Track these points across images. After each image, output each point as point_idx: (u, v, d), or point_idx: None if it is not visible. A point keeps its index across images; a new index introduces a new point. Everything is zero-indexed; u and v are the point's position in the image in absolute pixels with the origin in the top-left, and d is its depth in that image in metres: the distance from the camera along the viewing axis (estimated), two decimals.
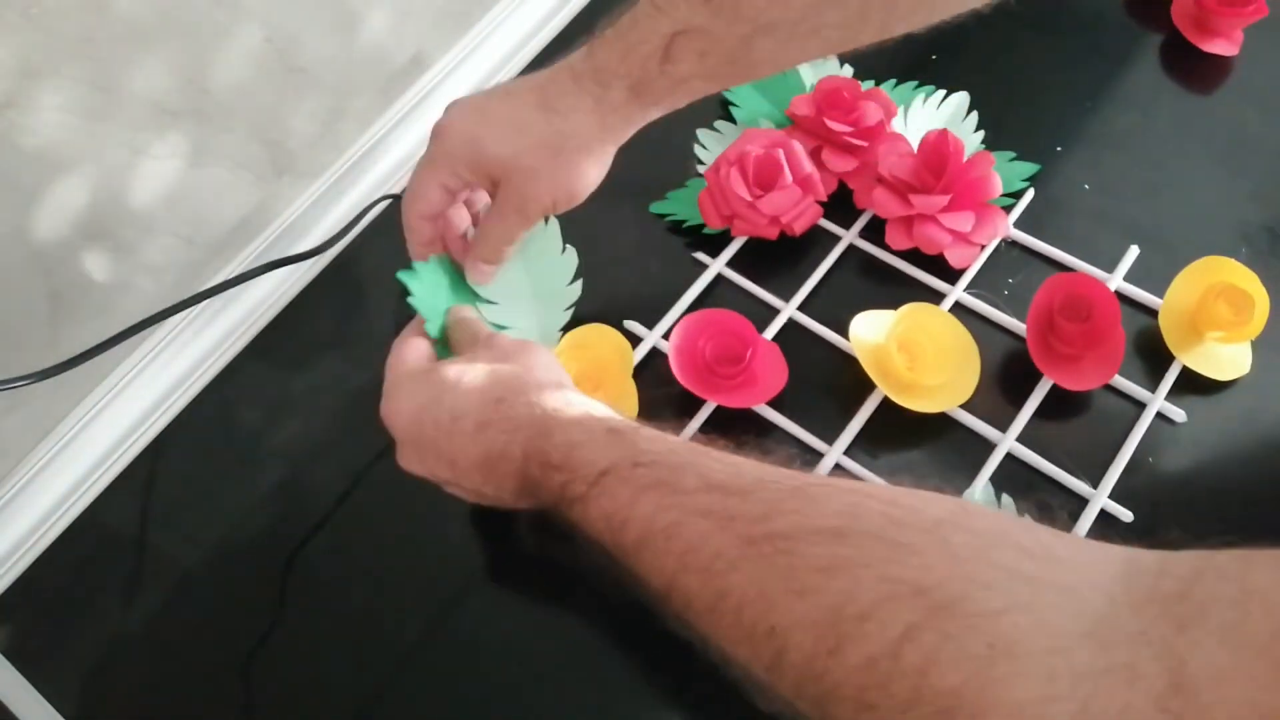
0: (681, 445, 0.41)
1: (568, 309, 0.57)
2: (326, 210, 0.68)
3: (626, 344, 0.57)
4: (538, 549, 0.53)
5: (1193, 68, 0.68)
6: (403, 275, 0.53)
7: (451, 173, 0.51)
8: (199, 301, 0.57)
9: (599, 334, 0.57)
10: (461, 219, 0.54)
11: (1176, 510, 0.53)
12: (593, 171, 0.51)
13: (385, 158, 0.70)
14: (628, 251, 0.64)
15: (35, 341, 0.56)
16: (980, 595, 0.29)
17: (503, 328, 0.54)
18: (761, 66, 0.48)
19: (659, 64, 0.46)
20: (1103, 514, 0.52)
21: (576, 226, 0.66)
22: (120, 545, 0.59)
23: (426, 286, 0.53)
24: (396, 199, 0.65)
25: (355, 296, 0.66)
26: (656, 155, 0.68)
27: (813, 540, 0.33)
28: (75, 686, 0.54)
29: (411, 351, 0.50)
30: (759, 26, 0.45)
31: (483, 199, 0.56)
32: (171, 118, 0.56)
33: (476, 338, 0.51)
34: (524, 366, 0.47)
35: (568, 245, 0.57)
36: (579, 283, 0.57)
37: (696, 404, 0.57)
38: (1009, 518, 0.32)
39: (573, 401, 0.44)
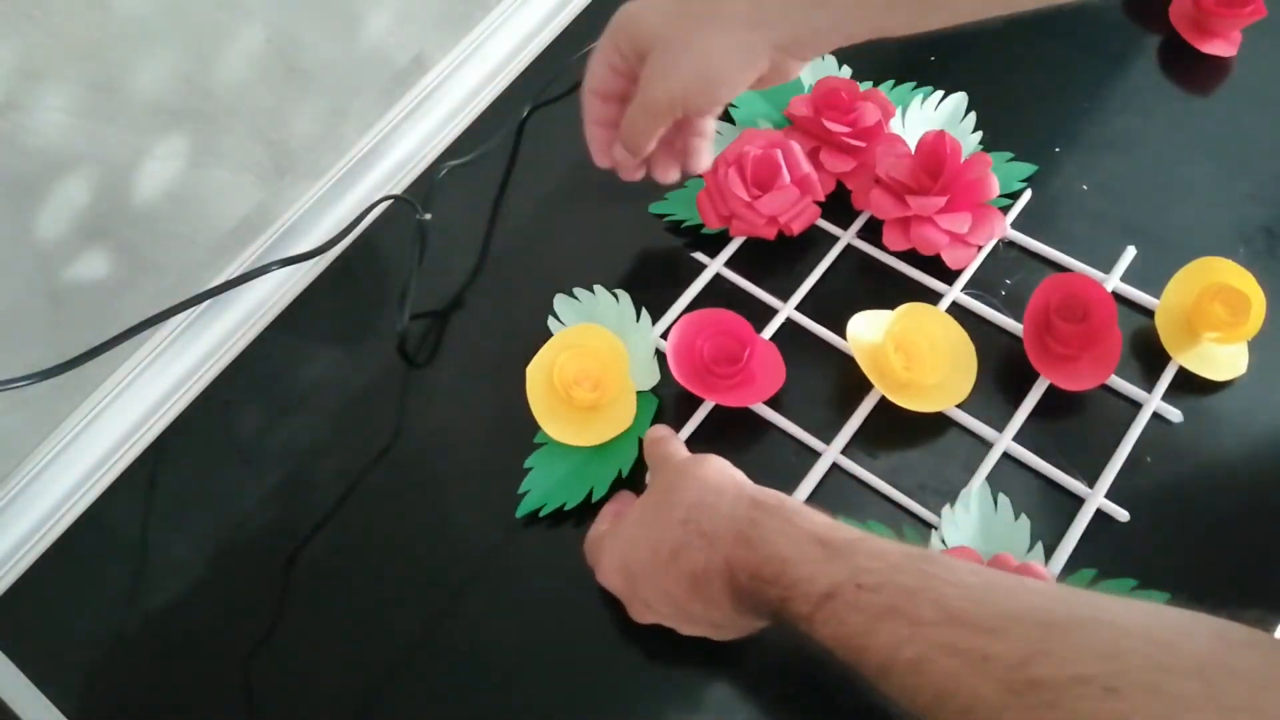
0: (900, 557, 0.39)
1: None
2: (327, 211, 0.69)
3: (622, 344, 0.57)
4: None
5: (1191, 68, 0.68)
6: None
7: (614, 49, 0.51)
8: (200, 302, 0.57)
9: (595, 334, 0.57)
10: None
11: (1173, 510, 0.53)
12: (735, 55, 0.47)
13: (386, 158, 0.71)
14: (626, 251, 0.65)
15: (37, 341, 0.56)
16: None
17: None
18: (961, 7, 0.44)
19: None
20: (1099, 514, 0.53)
21: (575, 225, 0.67)
22: (121, 545, 0.59)
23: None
24: (397, 199, 0.65)
25: (356, 297, 0.67)
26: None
27: (1080, 694, 0.31)
28: (75, 686, 0.54)
29: (603, 517, 0.52)
30: None
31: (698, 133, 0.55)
32: (173, 118, 0.56)
33: (666, 460, 0.51)
34: (698, 478, 0.46)
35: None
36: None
37: (694, 403, 0.57)
38: (1268, 646, 0.32)
39: (761, 503, 0.43)
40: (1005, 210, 0.62)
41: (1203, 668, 0.31)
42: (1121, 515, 0.52)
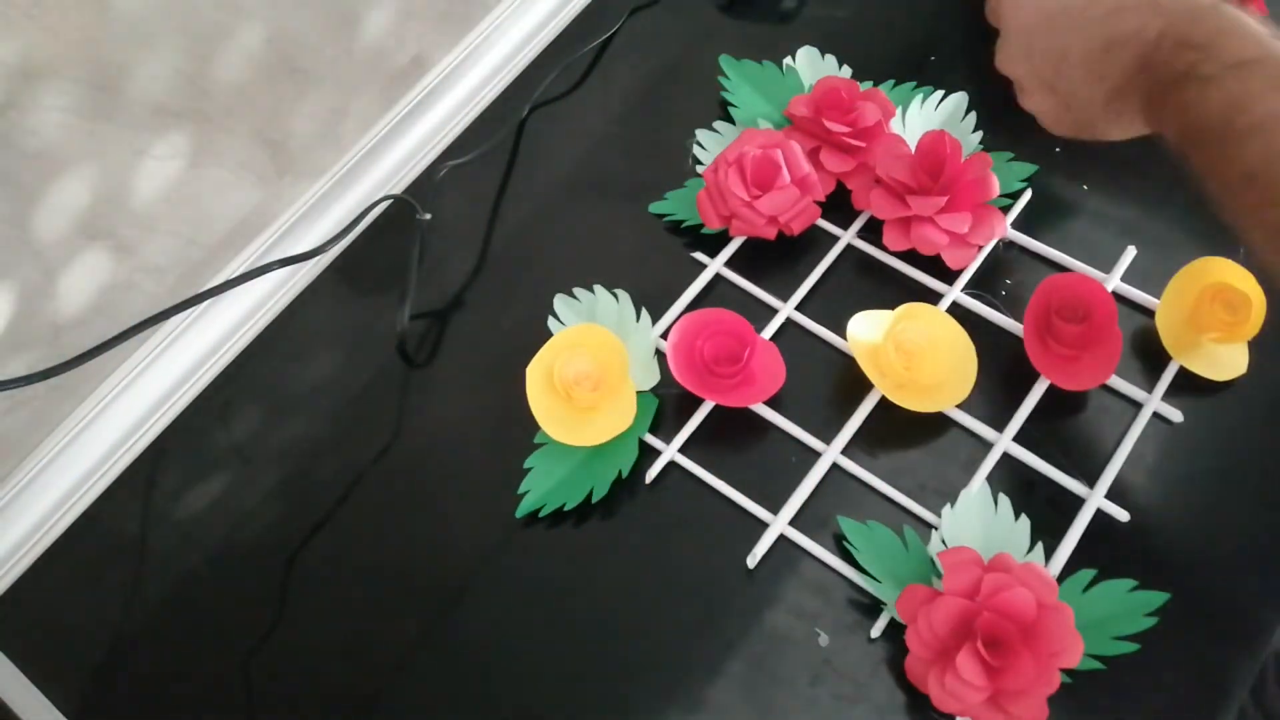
0: None
1: None
2: (327, 210, 0.69)
3: (622, 344, 0.57)
4: None
5: None
6: None
7: None
8: (200, 301, 0.57)
9: (595, 334, 0.57)
10: None
11: (1173, 511, 0.53)
12: None
13: (386, 158, 0.71)
14: (626, 251, 0.65)
15: (37, 341, 0.56)
16: None
17: None
18: None
19: None
20: (1099, 514, 0.53)
21: (575, 225, 0.67)
22: (121, 545, 0.59)
23: None
24: (397, 199, 0.65)
25: (356, 297, 0.67)
26: (655, 155, 0.68)
27: None
28: (75, 686, 0.54)
29: None
30: None
31: None
32: (173, 118, 0.56)
33: None
34: None
35: None
36: None
37: (695, 403, 0.57)
38: None
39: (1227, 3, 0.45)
40: (1005, 210, 0.62)
41: None
42: (1122, 516, 0.52)
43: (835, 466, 0.56)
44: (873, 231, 0.63)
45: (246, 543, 0.58)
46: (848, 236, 0.63)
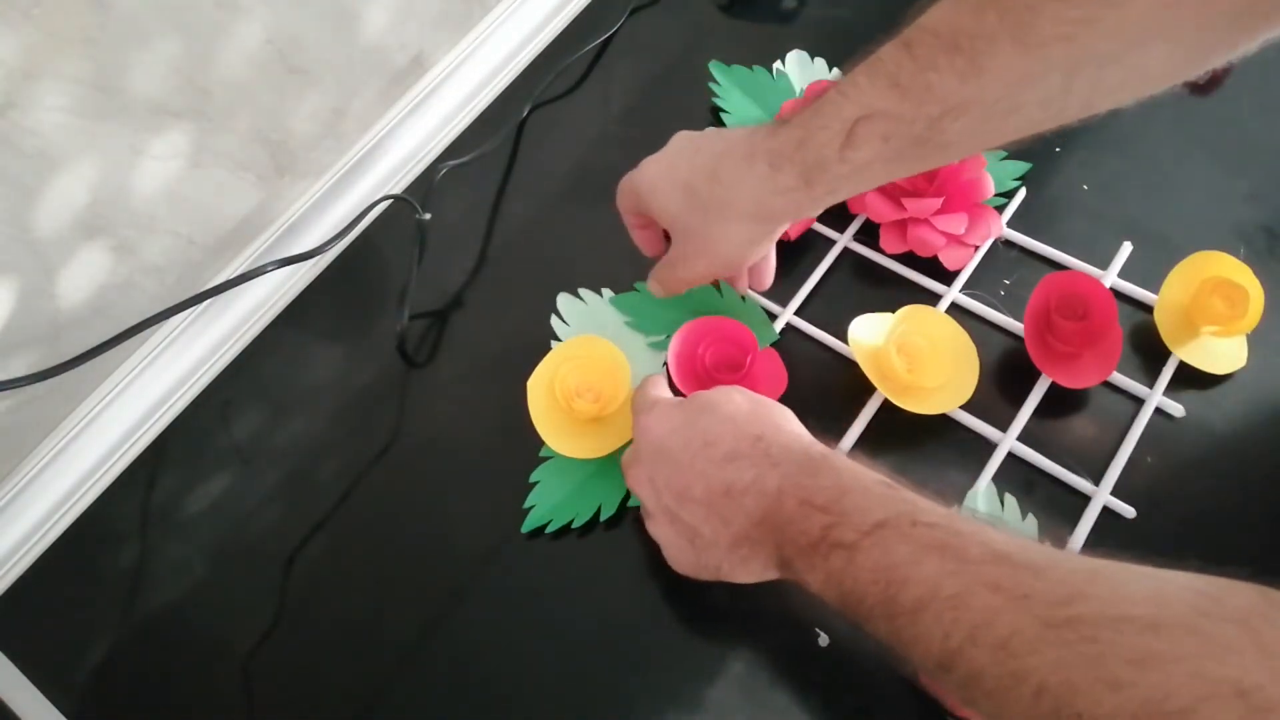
0: (959, 514, 0.39)
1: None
2: (327, 210, 0.69)
3: (622, 354, 0.57)
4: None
5: None
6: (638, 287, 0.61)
7: (632, 212, 0.57)
8: (200, 302, 0.57)
9: (596, 345, 0.57)
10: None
11: (1178, 505, 0.53)
12: (747, 245, 0.52)
13: (386, 158, 0.71)
14: (622, 259, 0.64)
15: (37, 341, 0.56)
16: None
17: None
18: (952, 148, 0.44)
19: (838, 150, 0.45)
20: (1105, 511, 0.53)
21: (575, 226, 0.67)
22: (121, 545, 0.59)
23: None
24: (397, 199, 0.65)
25: (356, 296, 0.67)
26: None
27: (1121, 629, 0.32)
28: (75, 686, 0.54)
29: (663, 383, 0.52)
30: (950, 108, 0.42)
31: None
32: (173, 118, 0.56)
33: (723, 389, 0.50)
34: (784, 414, 0.47)
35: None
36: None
37: None
38: None
39: (834, 452, 0.44)
40: (1000, 209, 0.62)
41: (1245, 616, 0.31)
42: (1128, 512, 0.52)
43: None
44: (869, 234, 0.63)
45: (246, 543, 0.58)
46: (844, 240, 0.63)
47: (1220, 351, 0.56)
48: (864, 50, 0.45)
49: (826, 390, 0.58)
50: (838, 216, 0.64)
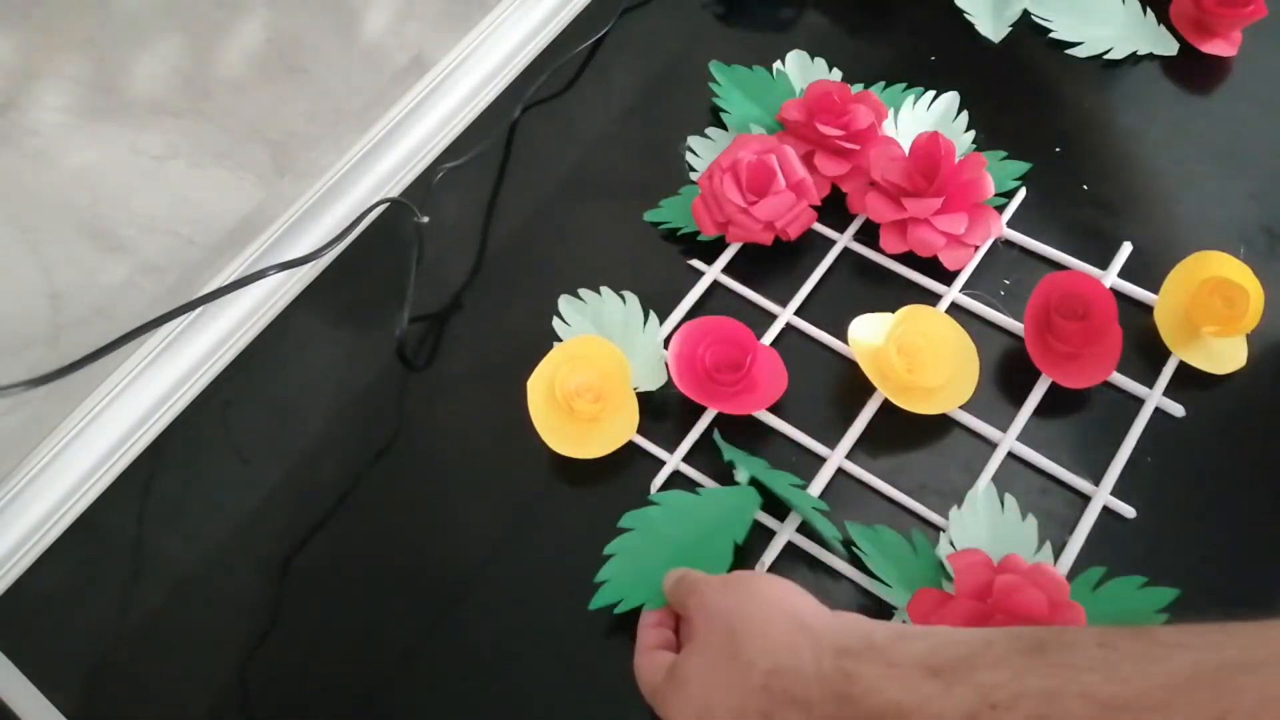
0: (1018, 655, 0.35)
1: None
2: (325, 213, 0.69)
3: (623, 355, 0.57)
4: None
5: (1191, 68, 0.68)
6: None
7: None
8: (196, 307, 0.57)
9: (597, 345, 0.57)
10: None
11: (1178, 506, 0.53)
12: None
13: (386, 159, 0.70)
14: (622, 260, 0.64)
15: (37, 342, 0.56)
16: None
17: None
18: None
19: None
20: (1105, 511, 0.53)
21: (571, 227, 0.67)
22: (120, 546, 0.58)
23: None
24: (396, 201, 0.65)
25: (355, 297, 0.67)
26: (649, 163, 0.68)
27: None
28: (75, 686, 0.54)
29: (649, 655, 0.47)
30: None
31: None
32: (172, 118, 0.56)
33: (704, 607, 0.45)
34: (765, 636, 0.41)
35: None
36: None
37: (697, 411, 0.57)
38: None
39: (847, 650, 0.39)
40: (1000, 209, 0.62)
41: None
42: (1128, 512, 0.52)
43: (840, 471, 0.55)
44: (869, 234, 0.63)
45: (245, 543, 0.58)
46: (844, 240, 0.63)
47: (1220, 351, 0.56)
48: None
49: (827, 390, 0.58)
50: (838, 216, 0.64)
